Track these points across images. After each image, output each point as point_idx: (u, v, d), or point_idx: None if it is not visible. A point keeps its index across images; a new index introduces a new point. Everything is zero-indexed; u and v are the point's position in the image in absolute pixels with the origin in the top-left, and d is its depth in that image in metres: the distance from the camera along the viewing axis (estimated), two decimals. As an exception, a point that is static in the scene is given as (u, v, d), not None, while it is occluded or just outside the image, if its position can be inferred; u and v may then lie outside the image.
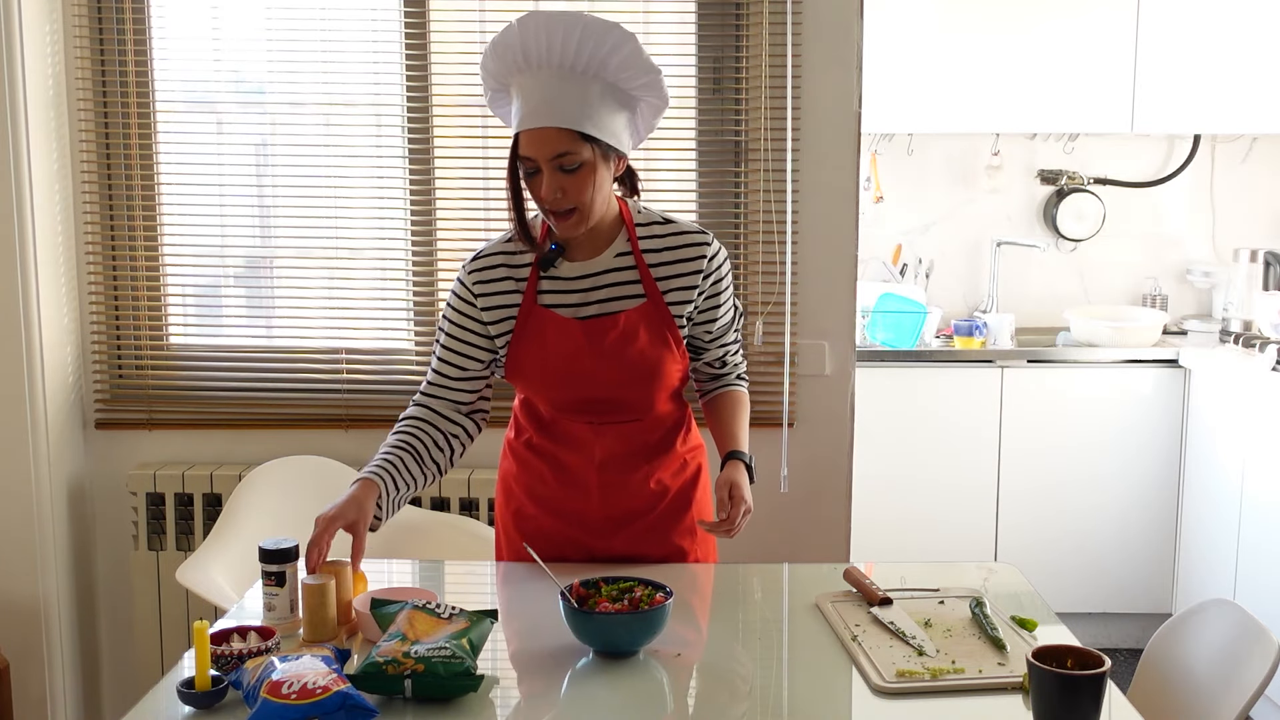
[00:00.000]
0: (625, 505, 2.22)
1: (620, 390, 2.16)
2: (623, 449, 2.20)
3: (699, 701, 1.75)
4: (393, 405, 3.35)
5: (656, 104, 2.13)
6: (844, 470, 3.34)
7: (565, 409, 2.19)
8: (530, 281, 2.15)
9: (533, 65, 2.02)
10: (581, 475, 2.21)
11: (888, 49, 4.13)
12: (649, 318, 2.14)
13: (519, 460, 2.29)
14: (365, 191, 3.36)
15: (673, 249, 2.17)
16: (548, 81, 2.01)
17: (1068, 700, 1.59)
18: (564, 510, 2.23)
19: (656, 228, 2.18)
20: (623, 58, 2.02)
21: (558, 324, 2.13)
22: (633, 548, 2.23)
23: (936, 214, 4.64)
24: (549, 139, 2.01)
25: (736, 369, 2.32)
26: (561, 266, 2.16)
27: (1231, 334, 4.17)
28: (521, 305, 2.15)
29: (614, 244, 2.16)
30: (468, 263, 2.20)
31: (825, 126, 3.24)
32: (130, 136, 3.28)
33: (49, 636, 3.19)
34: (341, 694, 1.62)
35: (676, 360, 2.18)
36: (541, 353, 2.15)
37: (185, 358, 3.39)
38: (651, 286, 2.15)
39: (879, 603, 2.03)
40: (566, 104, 2.00)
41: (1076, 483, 4.19)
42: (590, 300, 2.15)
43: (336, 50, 3.29)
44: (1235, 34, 4.21)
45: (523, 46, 2.02)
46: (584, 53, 2.00)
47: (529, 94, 2.02)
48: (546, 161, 2.02)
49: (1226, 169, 4.62)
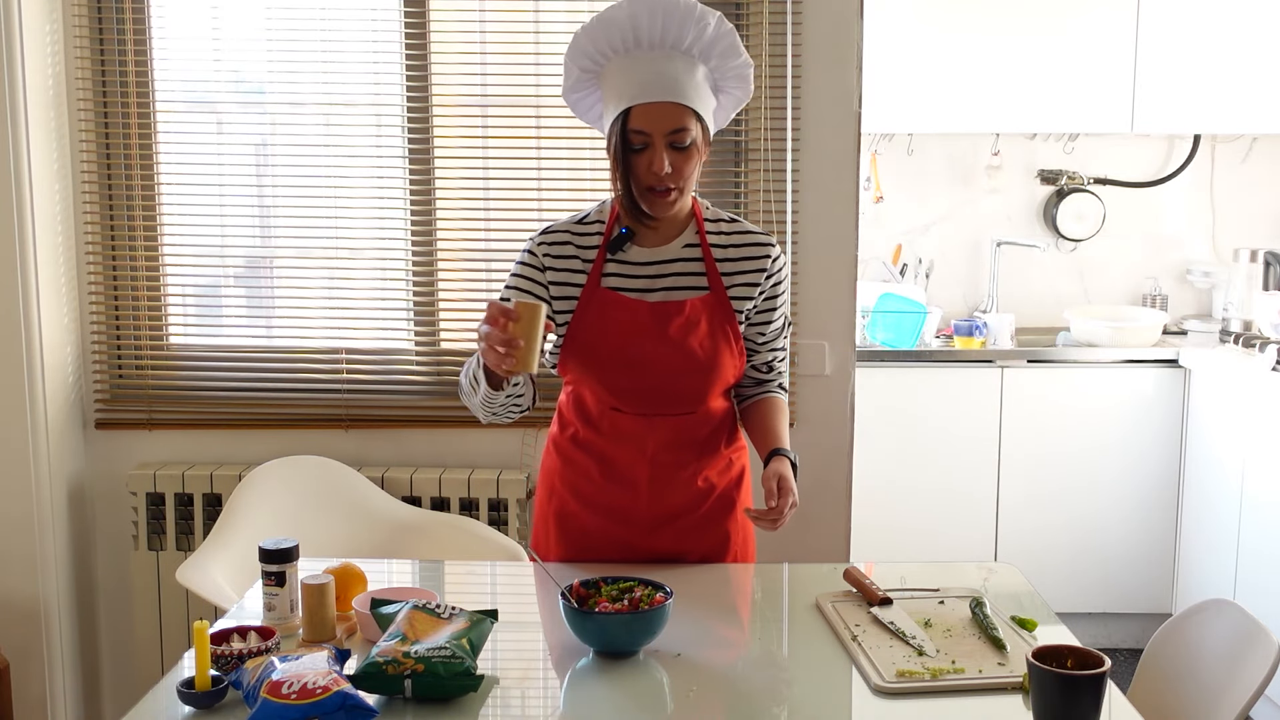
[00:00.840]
0: (672, 502, 2.21)
1: (677, 379, 2.16)
2: (674, 443, 2.20)
3: (699, 702, 1.75)
4: (393, 405, 3.36)
5: (739, 96, 2.18)
6: (844, 470, 3.34)
7: (620, 395, 2.18)
8: (596, 263, 2.16)
9: (643, 45, 2.06)
10: (630, 470, 2.20)
11: (888, 49, 4.13)
12: (712, 309, 2.16)
13: (564, 456, 2.27)
14: (365, 191, 3.36)
15: (738, 246, 2.20)
16: (658, 59, 2.05)
17: (1068, 700, 1.59)
18: (610, 507, 2.21)
19: (724, 224, 2.21)
20: (726, 45, 2.08)
21: (623, 305, 2.14)
22: (674, 546, 2.23)
23: (936, 214, 4.64)
24: (668, 113, 2.04)
25: (780, 377, 2.34)
26: (630, 251, 2.17)
27: (1231, 334, 4.17)
28: (585, 285, 2.16)
29: (683, 234, 2.18)
30: (537, 235, 2.21)
31: (825, 126, 3.24)
32: (130, 136, 3.28)
33: (49, 636, 3.19)
34: (341, 694, 1.62)
35: (733, 355, 2.19)
36: (603, 332, 2.15)
37: (185, 358, 3.39)
38: (716, 279, 2.17)
39: (879, 603, 2.03)
40: (682, 80, 2.05)
41: (1076, 483, 4.19)
42: (656, 287, 2.16)
43: (336, 50, 3.29)
44: (1235, 34, 4.21)
45: (634, 26, 2.06)
46: (694, 37, 2.06)
47: (639, 70, 2.05)
48: (662, 136, 2.04)
49: (1226, 169, 4.62)
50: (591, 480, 2.23)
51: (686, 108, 2.04)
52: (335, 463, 3.19)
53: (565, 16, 3.30)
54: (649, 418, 2.18)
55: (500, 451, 3.34)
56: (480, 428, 3.33)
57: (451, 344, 3.38)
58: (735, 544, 2.29)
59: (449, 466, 3.34)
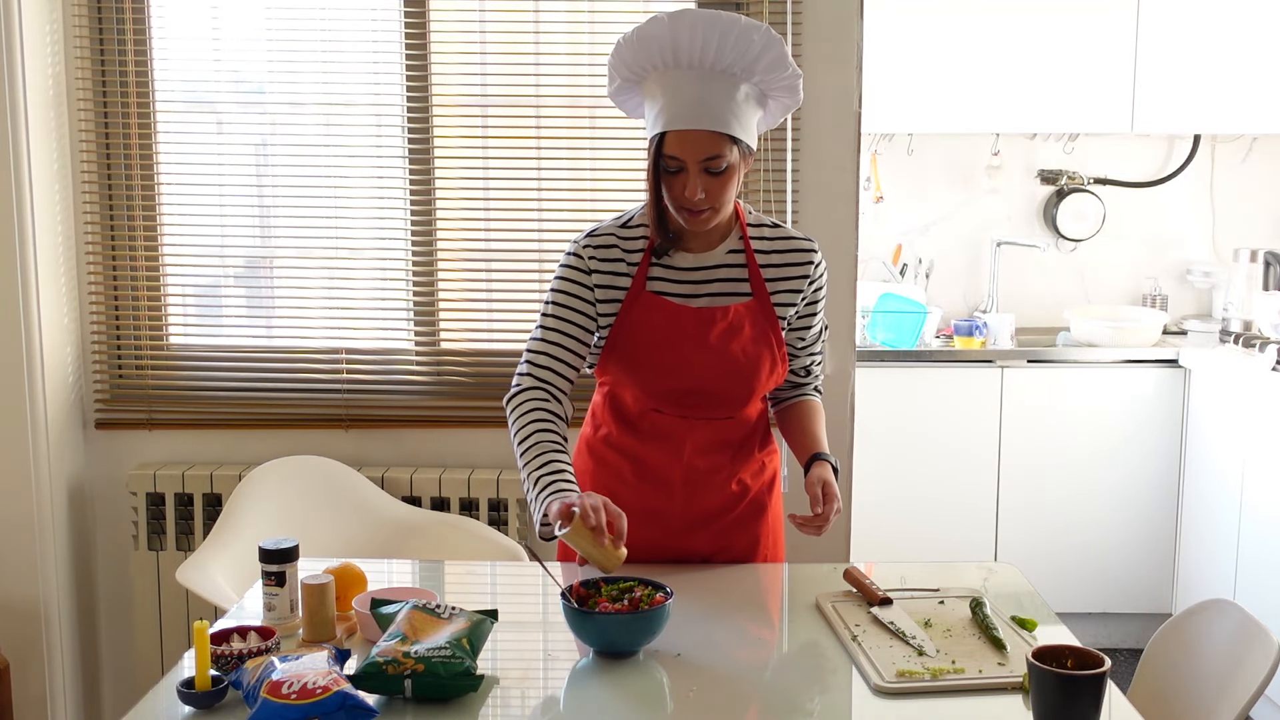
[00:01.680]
0: (706, 504, 2.22)
1: (719, 384, 2.16)
2: (710, 445, 2.20)
3: (699, 701, 1.75)
4: (393, 405, 3.36)
5: (788, 103, 2.16)
6: (844, 470, 3.34)
7: (660, 399, 2.18)
8: (641, 267, 2.16)
9: (682, 64, 2.04)
10: (666, 472, 2.20)
11: (888, 49, 4.13)
12: (755, 315, 2.16)
13: (596, 457, 2.27)
14: (365, 191, 3.36)
15: (781, 252, 2.20)
16: (697, 81, 2.03)
17: (1068, 700, 1.59)
18: (643, 509, 2.18)
19: (766, 230, 2.21)
20: (770, 60, 2.05)
21: (668, 310, 2.14)
22: (708, 546, 2.24)
23: (936, 214, 4.64)
24: (700, 141, 2.02)
25: (816, 379, 2.35)
26: (674, 256, 2.17)
27: (1231, 334, 4.17)
28: (630, 289, 2.16)
29: (727, 240, 2.18)
30: (582, 238, 2.20)
31: (825, 126, 3.23)
32: (130, 136, 3.28)
33: (49, 636, 3.19)
34: (341, 694, 1.62)
35: (775, 362, 2.19)
36: (647, 337, 2.15)
37: (185, 358, 3.39)
38: (760, 285, 2.17)
39: (879, 603, 2.03)
40: (718, 106, 2.02)
41: (1076, 483, 4.19)
42: (700, 293, 2.16)
43: (336, 50, 3.29)
44: (1235, 34, 4.21)
45: (673, 43, 2.02)
46: (737, 55, 2.03)
47: (677, 92, 2.03)
48: (695, 162, 2.03)
49: (1226, 169, 4.62)
50: (625, 481, 2.22)
51: (722, 135, 2.02)
52: (335, 463, 3.19)
53: (565, 16, 3.30)
54: (688, 420, 2.18)
55: (500, 451, 3.34)
56: (480, 428, 3.33)
57: (451, 344, 3.38)
58: (765, 546, 2.30)
59: (449, 466, 3.34)
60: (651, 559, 2.21)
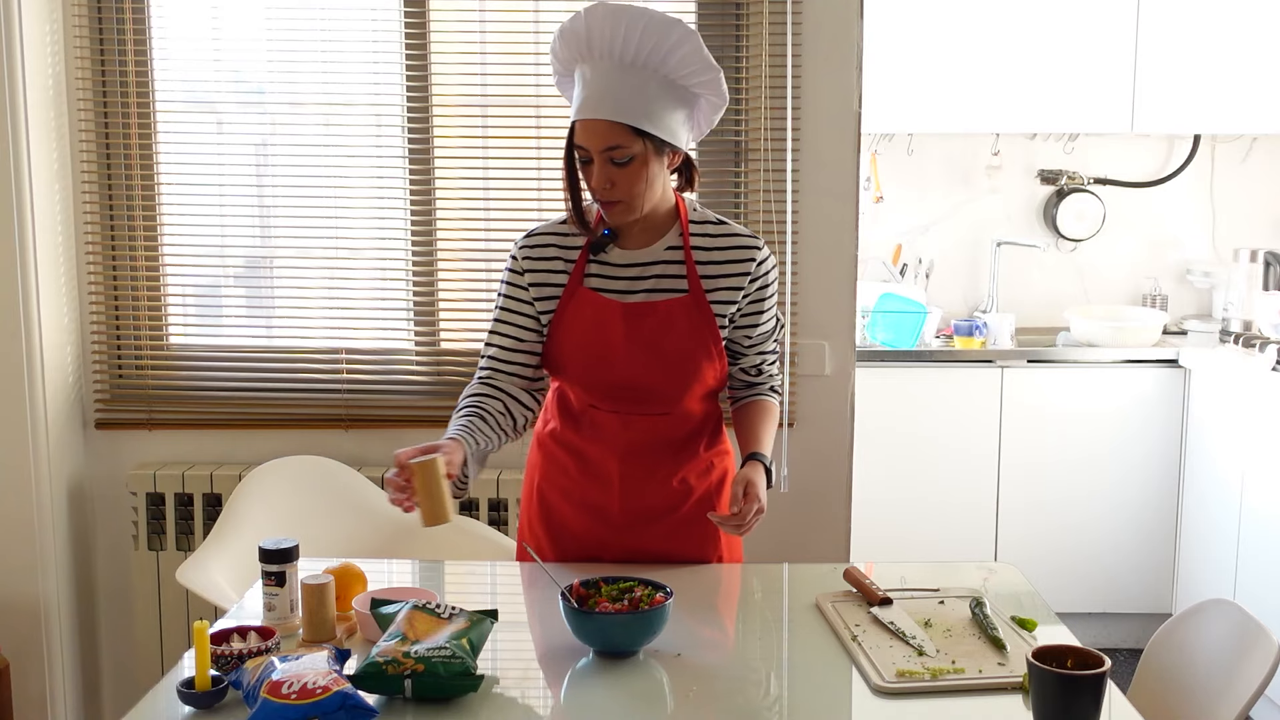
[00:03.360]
0: (646, 501, 2.22)
1: (650, 379, 2.17)
2: (647, 442, 2.20)
3: (699, 702, 1.75)
4: (393, 405, 3.35)
5: (716, 102, 2.16)
6: (844, 470, 3.34)
7: (596, 394, 2.20)
8: (579, 264, 2.18)
9: (595, 55, 2.06)
10: (603, 467, 2.21)
11: (888, 49, 4.12)
12: (689, 312, 2.16)
13: (544, 452, 2.30)
14: (365, 191, 3.36)
15: (723, 249, 2.19)
16: (607, 73, 2.05)
17: (1068, 700, 1.59)
18: (586, 502, 2.24)
19: (710, 227, 2.21)
20: (683, 55, 2.06)
21: (599, 305, 2.16)
22: (657, 547, 2.23)
23: (936, 214, 4.64)
24: (601, 131, 2.04)
25: (771, 380, 2.33)
26: (612, 253, 2.18)
27: (1231, 334, 4.17)
28: (567, 286, 2.18)
29: (666, 237, 2.19)
30: (520, 239, 2.24)
31: (825, 126, 3.23)
32: (130, 136, 3.28)
33: (49, 636, 3.19)
34: (341, 694, 1.62)
35: (713, 358, 2.19)
36: (580, 333, 2.17)
37: (185, 358, 3.39)
38: (695, 282, 2.17)
39: (879, 603, 2.03)
40: (622, 97, 2.04)
41: (1076, 483, 4.19)
42: (636, 289, 2.17)
43: (336, 50, 3.29)
44: (1235, 34, 4.20)
45: (588, 35, 2.06)
46: (645, 47, 2.04)
47: (588, 83, 2.07)
48: (598, 153, 2.06)
49: (1226, 169, 4.62)
50: (569, 475, 2.25)
51: (623, 126, 2.03)
52: (335, 463, 3.19)
53: (565, 17, 3.29)
54: (624, 416, 2.20)
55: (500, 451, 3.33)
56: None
57: (451, 344, 3.38)
58: (720, 547, 2.29)
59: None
60: (600, 556, 2.23)
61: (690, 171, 2.22)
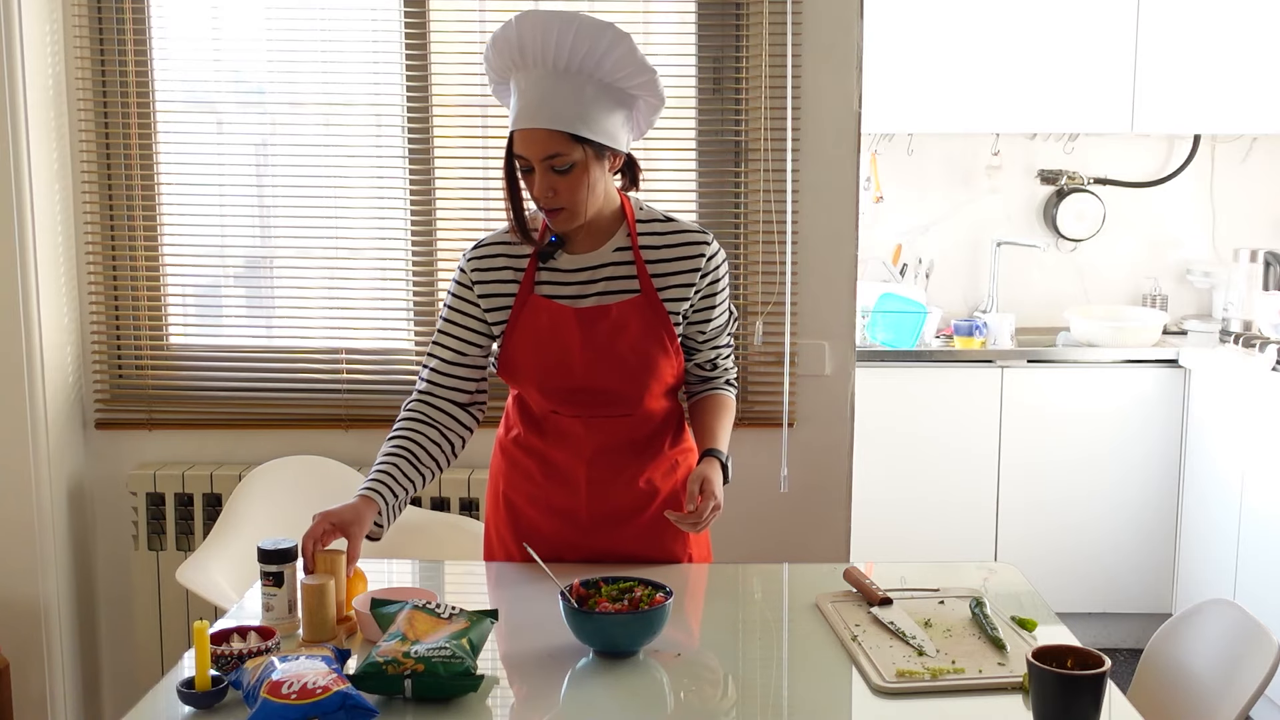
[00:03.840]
0: (613, 504, 2.22)
1: (610, 381, 2.16)
2: (612, 445, 2.20)
3: (699, 702, 1.75)
4: (393, 405, 3.34)
5: (654, 103, 2.15)
6: (844, 470, 3.34)
7: (556, 400, 2.20)
8: (528, 272, 2.17)
9: (529, 63, 2.04)
10: (570, 471, 2.21)
11: (888, 49, 4.12)
12: (643, 312, 2.16)
13: (509, 458, 2.29)
14: (365, 191, 3.36)
15: (671, 246, 2.18)
16: (542, 80, 2.03)
17: (1068, 700, 1.59)
18: (553, 507, 2.24)
19: (657, 225, 2.20)
20: (616, 58, 2.04)
21: (553, 311, 2.15)
22: (626, 548, 2.23)
23: (936, 214, 4.64)
24: (540, 140, 2.03)
25: (726, 373, 2.33)
26: (560, 259, 2.18)
27: (1231, 334, 4.17)
28: (518, 295, 2.17)
29: (613, 239, 2.18)
30: (468, 251, 2.22)
31: (825, 126, 3.24)
32: (130, 136, 3.28)
33: (49, 636, 3.19)
34: (341, 694, 1.62)
35: (669, 356, 2.19)
36: (535, 341, 2.16)
37: (185, 358, 3.39)
38: (647, 282, 2.16)
39: (879, 603, 2.03)
40: (559, 105, 2.02)
41: (1076, 483, 4.18)
42: (588, 293, 2.16)
43: (336, 50, 3.29)
44: (1235, 34, 4.20)
45: (520, 44, 2.03)
46: (579, 52, 2.02)
47: (524, 92, 2.05)
48: (538, 161, 2.04)
49: (1226, 169, 4.62)
50: (534, 481, 2.25)
51: (561, 134, 2.02)
52: (335, 463, 3.19)
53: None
54: (586, 420, 2.19)
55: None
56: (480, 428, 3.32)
57: (451, 344, 3.37)
58: (690, 547, 2.28)
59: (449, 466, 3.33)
60: (568, 558, 2.23)
61: (634, 171, 2.21)
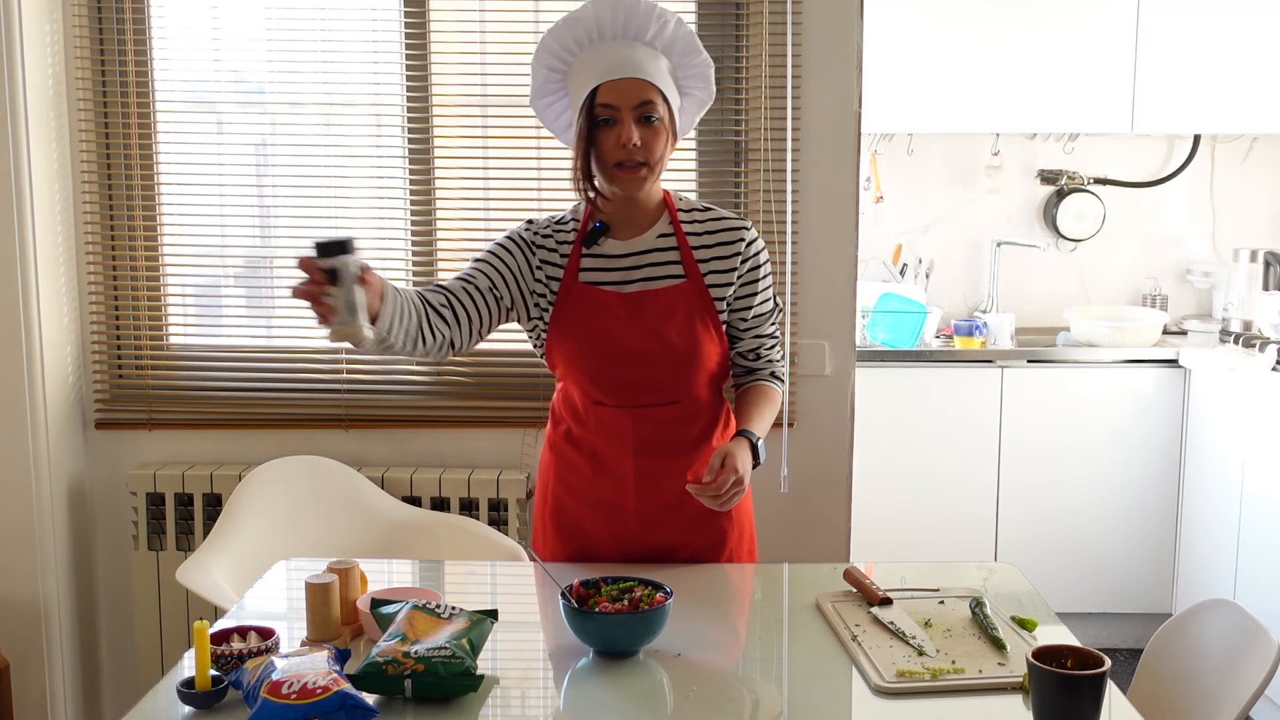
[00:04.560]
0: (661, 498, 2.21)
1: (657, 366, 2.17)
2: (659, 437, 2.20)
3: (699, 702, 1.75)
4: (393, 405, 3.36)
5: (702, 98, 2.22)
6: (844, 470, 3.34)
7: (604, 389, 2.19)
8: (572, 259, 2.19)
9: (606, 38, 2.13)
10: (617, 464, 2.21)
11: (888, 49, 4.13)
12: (688, 297, 2.18)
13: (557, 453, 2.30)
14: (365, 191, 3.36)
15: (712, 233, 2.22)
16: (620, 47, 2.12)
17: (1068, 700, 1.59)
18: (601, 501, 2.23)
19: (697, 213, 2.25)
20: (686, 44, 2.16)
21: (600, 298, 2.17)
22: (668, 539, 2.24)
23: (936, 214, 4.64)
24: (634, 87, 2.09)
25: (771, 365, 2.32)
26: (605, 244, 2.20)
27: (1231, 334, 4.17)
28: (563, 281, 2.19)
29: (656, 225, 2.21)
30: (533, 220, 2.25)
31: (825, 126, 3.24)
32: (130, 136, 3.28)
33: (49, 636, 3.19)
34: (341, 694, 1.62)
35: (714, 342, 2.20)
36: (580, 327, 2.17)
37: (185, 358, 3.39)
38: (692, 267, 2.19)
39: (879, 603, 2.03)
40: (648, 64, 2.12)
41: (1077, 482, 4.19)
42: (632, 279, 2.19)
43: (336, 50, 3.29)
44: (1235, 34, 4.21)
45: (597, 21, 2.13)
46: (656, 32, 2.13)
47: (605, 56, 2.12)
48: (630, 109, 2.09)
49: (1226, 169, 4.62)
50: (582, 475, 2.25)
51: (653, 85, 2.10)
52: (335, 463, 3.19)
53: (565, 16, 3.30)
54: (632, 410, 2.19)
55: (500, 451, 3.34)
56: (480, 428, 3.33)
57: (451, 344, 3.37)
58: (731, 542, 2.29)
59: (449, 466, 3.34)
60: (613, 556, 2.23)
61: None
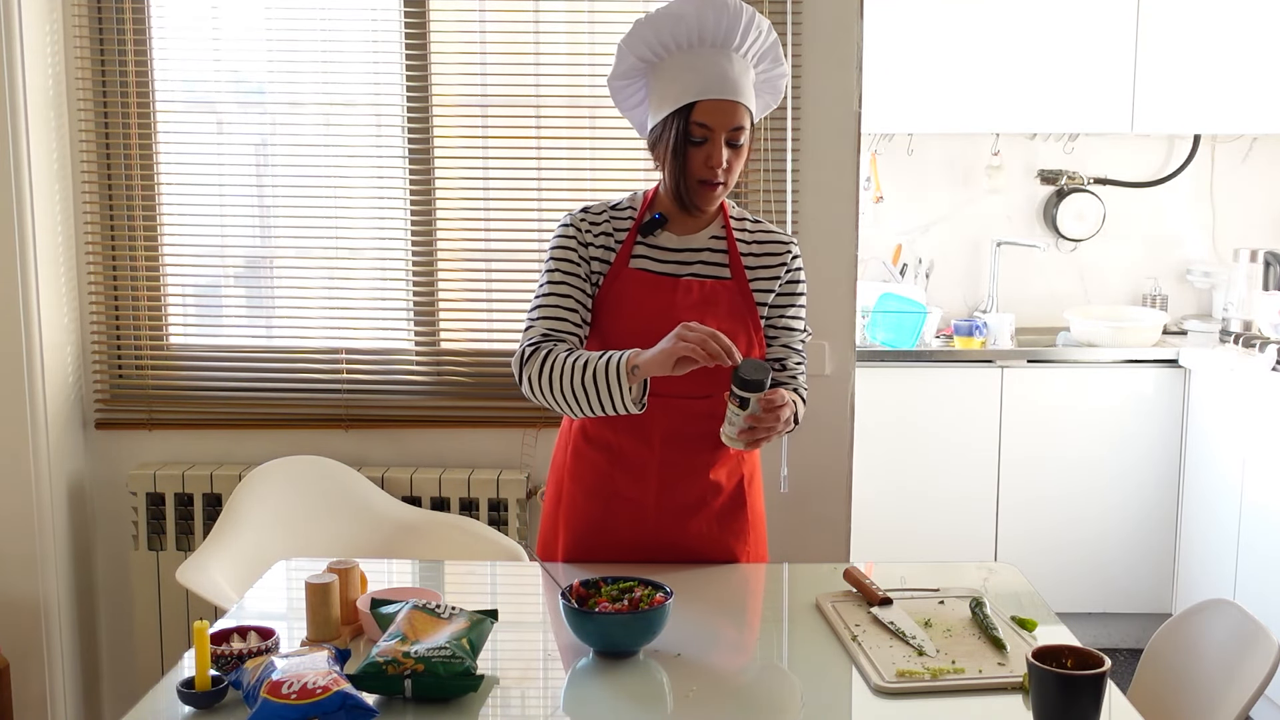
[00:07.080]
0: (681, 496, 2.22)
1: None
2: (685, 432, 2.20)
3: (699, 702, 1.75)
4: (393, 405, 3.36)
5: (769, 101, 2.27)
6: (844, 470, 3.34)
7: None
8: (626, 245, 2.21)
9: (706, 43, 2.13)
10: (640, 459, 2.21)
11: (888, 49, 4.13)
12: (732, 295, 2.21)
13: (574, 450, 2.29)
14: (365, 191, 3.36)
15: (761, 243, 2.26)
16: (720, 59, 2.12)
17: (1068, 700, 1.59)
18: (619, 495, 2.22)
19: (748, 223, 2.29)
20: (774, 55, 2.18)
21: (648, 282, 2.19)
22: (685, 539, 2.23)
23: (936, 214, 4.64)
24: (731, 111, 2.11)
25: (795, 380, 2.30)
26: (660, 236, 2.22)
27: (1231, 334, 4.17)
28: (614, 264, 2.20)
29: (710, 226, 2.25)
30: (577, 212, 2.25)
31: (825, 126, 3.24)
32: (130, 136, 3.28)
33: (49, 636, 3.19)
34: (341, 694, 1.62)
35: (752, 340, 2.22)
36: (630, 311, 2.18)
37: (185, 358, 3.39)
38: (739, 269, 2.23)
39: (879, 603, 2.03)
40: (743, 82, 2.13)
41: (1076, 483, 4.19)
42: (681, 271, 2.22)
43: (336, 50, 3.29)
44: (1235, 34, 4.21)
45: (699, 23, 2.11)
46: (751, 43, 2.14)
47: (706, 67, 2.11)
48: (724, 132, 2.11)
49: (1226, 169, 4.62)
50: (599, 471, 2.24)
51: (746, 107, 2.13)
52: (335, 463, 3.19)
53: (565, 16, 3.30)
54: (665, 399, 2.17)
55: (500, 451, 3.34)
56: (480, 428, 3.33)
57: (451, 344, 3.38)
58: (749, 543, 2.29)
59: (449, 466, 3.34)
60: (629, 557, 2.23)
61: None
